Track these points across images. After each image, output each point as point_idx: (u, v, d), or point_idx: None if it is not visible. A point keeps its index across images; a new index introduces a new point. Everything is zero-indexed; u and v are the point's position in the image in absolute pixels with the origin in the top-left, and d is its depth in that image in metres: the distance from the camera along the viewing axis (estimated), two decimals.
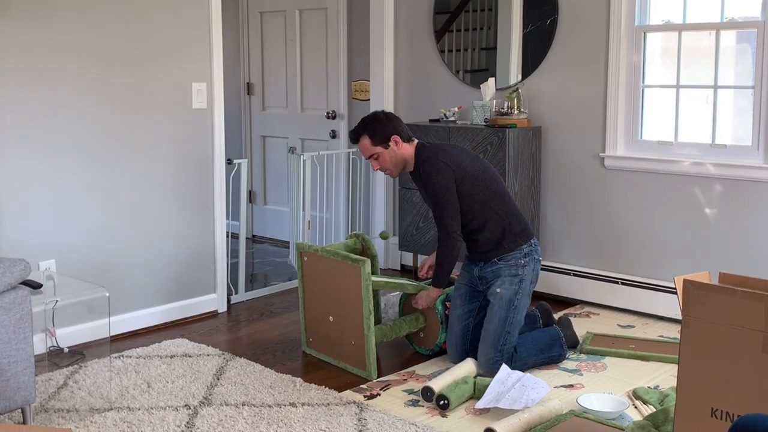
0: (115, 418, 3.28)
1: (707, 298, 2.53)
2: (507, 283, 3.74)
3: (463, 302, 3.88)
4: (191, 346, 4.14)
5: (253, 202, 6.74)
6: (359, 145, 3.86)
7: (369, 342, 3.71)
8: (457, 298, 3.91)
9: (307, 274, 4.01)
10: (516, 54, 5.11)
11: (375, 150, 3.81)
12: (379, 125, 3.81)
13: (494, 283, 3.77)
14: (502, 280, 3.75)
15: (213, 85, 4.65)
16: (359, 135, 3.83)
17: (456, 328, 3.87)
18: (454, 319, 3.88)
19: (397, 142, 3.80)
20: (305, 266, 4.01)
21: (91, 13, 4.11)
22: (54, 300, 3.68)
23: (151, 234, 4.44)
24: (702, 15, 4.51)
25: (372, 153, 3.82)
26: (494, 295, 3.76)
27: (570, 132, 4.88)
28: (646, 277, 4.64)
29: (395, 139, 3.79)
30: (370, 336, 3.70)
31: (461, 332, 3.86)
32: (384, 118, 3.85)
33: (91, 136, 4.17)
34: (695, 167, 4.45)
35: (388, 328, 3.91)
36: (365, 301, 3.67)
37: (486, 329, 3.73)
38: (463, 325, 3.86)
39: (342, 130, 6.07)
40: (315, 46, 6.18)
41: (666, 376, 3.72)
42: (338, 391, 3.57)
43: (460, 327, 3.86)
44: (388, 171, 3.88)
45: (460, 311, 3.87)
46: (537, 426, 3.15)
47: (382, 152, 3.81)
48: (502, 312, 3.71)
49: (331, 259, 3.85)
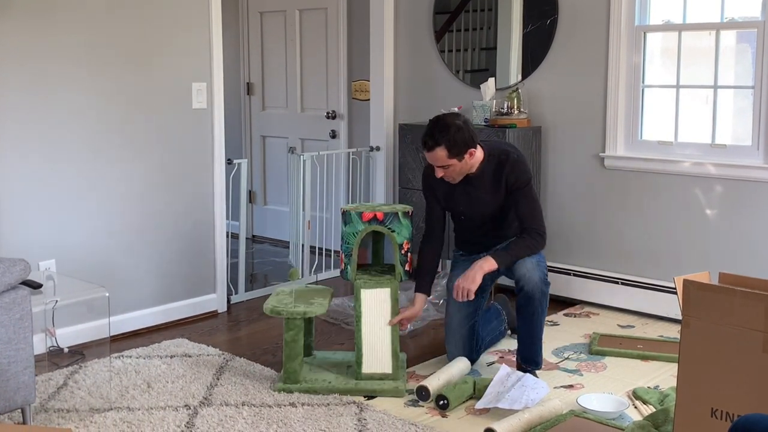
0: (115, 418, 3.28)
1: (707, 298, 2.53)
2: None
3: (466, 303, 3.74)
4: (191, 346, 4.14)
5: (253, 202, 6.74)
6: (431, 153, 3.52)
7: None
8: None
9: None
10: (516, 54, 5.11)
11: (449, 162, 3.53)
12: (459, 137, 3.49)
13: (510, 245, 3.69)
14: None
15: (213, 85, 4.65)
16: (437, 145, 3.49)
17: (462, 330, 3.79)
18: (460, 320, 3.79)
19: (472, 154, 3.57)
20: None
21: (91, 13, 4.11)
22: (54, 300, 3.68)
23: (150, 234, 4.44)
24: (702, 15, 4.51)
25: (445, 164, 3.55)
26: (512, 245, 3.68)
27: (570, 132, 4.88)
28: (646, 277, 4.64)
29: (471, 152, 3.55)
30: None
31: (468, 333, 3.79)
32: (465, 129, 3.52)
33: (91, 136, 4.17)
34: (695, 167, 4.45)
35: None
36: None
37: (522, 261, 3.57)
38: (470, 326, 3.80)
39: (342, 130, 6.07)
40: (315, 46, 6.18)
41: (666, 376, 3.72)
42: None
43: (467, 328, 3.79)
44: (451, 179, 3.66)
45: (465, 312, 3.78)
46: (537, 426, 3.15)
47: (455, 164, 3.56)
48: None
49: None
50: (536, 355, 3.63)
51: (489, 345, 4.07)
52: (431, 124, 3.57)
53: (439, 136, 3.49)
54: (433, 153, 3.52)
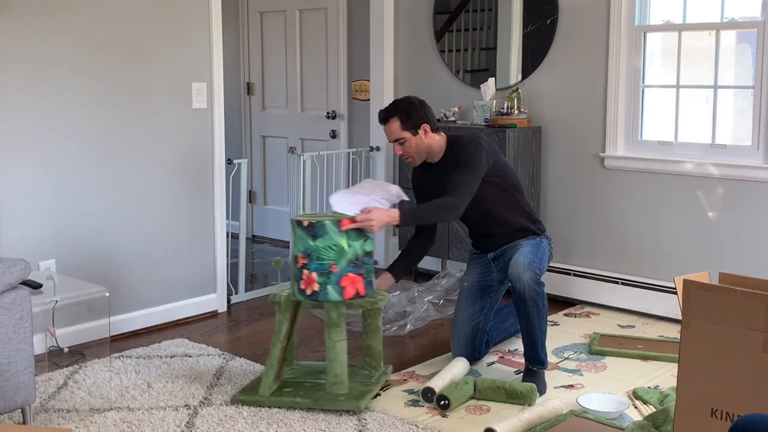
0: (115, 418, 3.28)
1: (707, 298, 2.53)
2: (530, 241, 3.76)
3: (473, 301, 3.84)
4: (191, 346, 4.14)
5: (253, 202, 6.74)
6: (387, 126, 3.72)
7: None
8: (466, 298, 3.88)
9: None
10: (516, 54, 5.11)
11: (403, 135, 3.69)
12: (412, 110, 3.70)
13: (515, 248, 3.74)
14: (525, 242, 3.75)
15: (213, 85, 4.65)
16: (390, 116, 3.70)
17: (466, 329, 3.82)
18: (465, 319, 3.82)
19: (426, 131, 3.71)
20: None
21: (91, 13, 4.11)
22: (54, 300, 3.68)
23: (151, 234, 4.44)
24: (702, 15, 4.51)
25: (399, 137, 3.70)
26: (517, 248, 3.73)
27: (570, 132, 4.88)
28: (646, 277, 4.64)
29: (425, 127, 3.70)
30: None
31: (471, 332, 3.82)
32: (418, 104, 3.74)
33: (91, 136, 4.17)
34: (695, 167, 4.45)
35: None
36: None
37: (514, 262, 3.61)
38: (474, 324, 3.82)
39: (342, 130, 6.07)
40: (315, 46, 6.18)
41: (666, 376, 3.72)
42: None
43: (471, 327, 3.82)
44: (411, 158, 3.77)
45: (471, 310, 3.83)
46: (537, 426, 3.15)
47: (409, 138, 3.70)
48: (529, 248, 3.70)
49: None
50: (539, 354, 3.63)
51: (498, 343, 4.10)
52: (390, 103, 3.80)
53: (392, 109, 3.72)
54: (388, 125, 3.71)
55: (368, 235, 3.41)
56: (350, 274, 3.34)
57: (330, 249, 3.31)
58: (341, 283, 3.33)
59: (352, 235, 3.34)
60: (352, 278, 3.35)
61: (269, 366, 3.44)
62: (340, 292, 3.33)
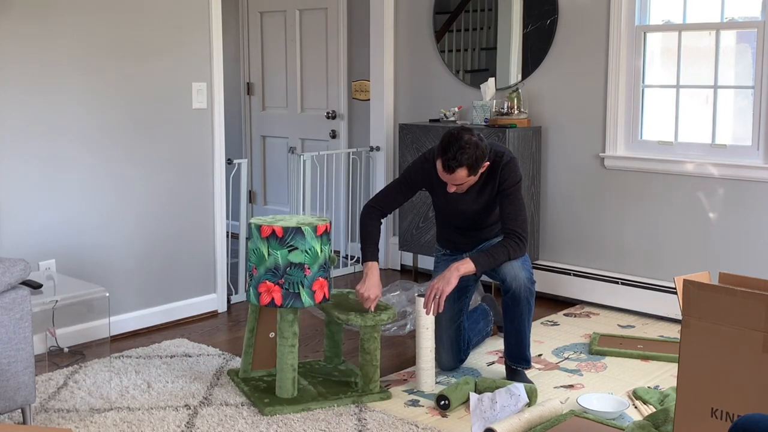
0: (115, 418, 3.28)
1: (707, 298, 2.53)
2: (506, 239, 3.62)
3: (452, 302, 3.70)
4: (191, 346, 4.14)
5: (253, 202, 6.74)
6: (452, 174, 3.41)
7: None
8: (445, 300, 3.61)
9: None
10: (516, 54, 5.11)
11: (468, 180, 3.47)
12: (480, 154, 3.40)
13: (490, 244, 3.66)
14: (497, 239, 3.67)
15: (213, 85, 4.65)
16: (459, 166, 3.38)
17: (449, 332, 3.76)
18: (446, 321, 3.74)
19: (485, 167, 3.51)
20: None
21: (91, 13, 4.11)
22: (54, 300, 3.68)
23: (151, 234, 4.44)
24: (702, 15, 4.51)
25: (463, 182, 3.48)
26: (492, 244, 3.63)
27: (570, 132, 4.88)
28: (646, 277, 4.64)
29: (485, 165, 3.50)
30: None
31: (455, 335, 3.77)
32: (484, 147, 3.42)
33: (91, 136, 4.17)
34: (695, 167, 4.45)
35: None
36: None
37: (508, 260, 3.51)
38: (456, 326, 3.77)
39: (342, 130, 6.07)
40: (315, 46, 6.18)
41: (666, 376, 3.72)
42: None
43: (453, 329, 3.77)
44: (462, 190, 3.56)
45: (450, 313, 3.73)
46: (537, 426, 3.15)
47: (471, 180, 3.49)
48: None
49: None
50: (525, 353, 3.62)
51: (476, 345, 4.07)
52: (449, 144, 3.40)
53: (462, 157, 3.37)
54: (454, 174, 3.41)
55: (296, 245, 3.32)
56: (267, 282, 3.33)
57: (252, 253, 3.36)
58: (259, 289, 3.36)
59: (273, 244, 3.31)
60: (268, 286, 3.34)
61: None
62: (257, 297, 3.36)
